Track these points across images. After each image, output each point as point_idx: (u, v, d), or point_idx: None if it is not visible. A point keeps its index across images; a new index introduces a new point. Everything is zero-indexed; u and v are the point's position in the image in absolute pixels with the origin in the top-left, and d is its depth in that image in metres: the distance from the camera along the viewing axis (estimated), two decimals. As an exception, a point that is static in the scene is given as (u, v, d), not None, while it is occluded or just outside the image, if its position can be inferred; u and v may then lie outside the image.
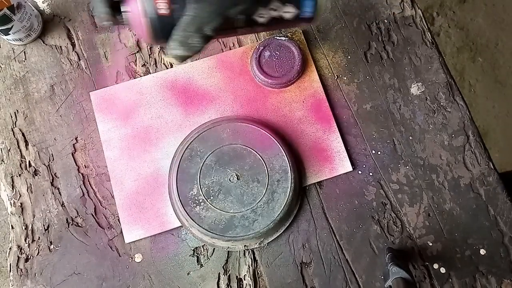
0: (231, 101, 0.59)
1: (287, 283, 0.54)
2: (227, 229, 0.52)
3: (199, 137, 0.55)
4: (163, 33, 0.39)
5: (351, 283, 0.54)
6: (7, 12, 0.55)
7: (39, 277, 0.54)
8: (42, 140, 0.59)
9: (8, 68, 0.61)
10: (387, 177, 0.57)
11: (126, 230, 0.55)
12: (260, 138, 0.55)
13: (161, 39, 0.40)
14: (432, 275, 0.54)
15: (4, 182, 0.57)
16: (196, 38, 0.38)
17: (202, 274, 0.54)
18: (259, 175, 0.54)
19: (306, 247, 0.55)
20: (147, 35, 0.40)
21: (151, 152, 0.57)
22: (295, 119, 0.58)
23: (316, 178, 0.56)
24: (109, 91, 0.59)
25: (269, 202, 0.53)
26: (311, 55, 0.60)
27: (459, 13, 1.48)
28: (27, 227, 0.56)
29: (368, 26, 0.62)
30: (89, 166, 0.58)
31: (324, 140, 0.57)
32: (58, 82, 0.61)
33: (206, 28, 0.38)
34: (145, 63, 0.61)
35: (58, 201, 0.57)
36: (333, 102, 0.59)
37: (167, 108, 0.59)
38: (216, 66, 0.60)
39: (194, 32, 0.38)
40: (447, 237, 0.55)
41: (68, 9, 0.63)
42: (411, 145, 0.58)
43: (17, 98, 0.60)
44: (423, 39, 0.61)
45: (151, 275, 0.54)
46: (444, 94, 0.60)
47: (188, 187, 0.53)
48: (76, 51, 0.62)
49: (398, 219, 0.56)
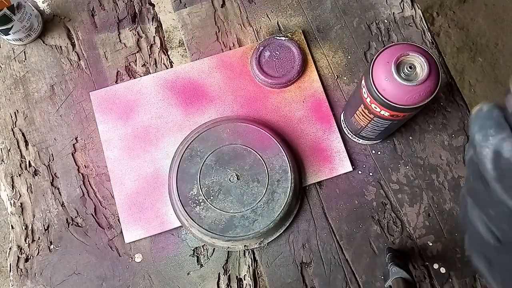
0: (231, 101, 0.59)
1: (287, 283, 0.54)
2: (227, 229, 0.52)
3: (199, 137, 0.55)
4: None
5: (351, 283, 0.54)
6: (7, 12, 0.55)
7: (39, 277, 0.54)
8: (42, 140, 0.59)
9: (8, 68, 0.61)
10: (387, 177, 0.57)
11: (126, 230, 0.55)
12: (260, 138, 0.55)
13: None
14: (432, 275, 0.54)
15: (4, 182, 0.57)
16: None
17: (202, 274, 0.54)
18: (259, 175, 0.54)
19: (306, 247, 0.55)
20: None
21: (151, 152, 0.57)
22: (295, 119, 0.58)
23: (316, 178, 0.56)
24: (109, 91, 0.59)
25: (269, 202, 0.53)
26: (311, 55, 0.60)
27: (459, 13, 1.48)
28: (27, 227, 0.56)
29: (368, 26, 0.62)
30: (89, 166, 0.58)
31: (324, 140, 0.57)
32: (58, 82, 0.61)
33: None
34: (145, 63, 0.61)
35: (58, 201, 0.57)
36: (333, 102, 0.59)
37: (167, 108, 0.59)
38: (216, 66, 0.60)
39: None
40: (447, 237, 0.55)
41: (68, 9, 0.63)
42: (411, 145, 0.58)
43: (17, 98, 0.60)
44: (423, 39, 0.61)
45: (151, 275, 0.54)
46: (444, 94, 0.59)
47: (188, 187, 0.53)
48: (76, 51, 0.62)
49: (398, 219, 0.56)
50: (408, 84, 0.40)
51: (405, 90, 0.41)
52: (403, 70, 0.41)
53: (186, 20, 0.63)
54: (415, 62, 0.41)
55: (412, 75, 0.41)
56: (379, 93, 0.42)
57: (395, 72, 0.40)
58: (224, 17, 0.63)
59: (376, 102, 0.43)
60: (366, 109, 0.46)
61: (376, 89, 0.42)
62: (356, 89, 0.49)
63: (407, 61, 0.41)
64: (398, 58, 0.41)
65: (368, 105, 0.45)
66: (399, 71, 0.41)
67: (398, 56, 0.41)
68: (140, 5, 0.63)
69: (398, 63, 0.41)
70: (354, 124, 0.52)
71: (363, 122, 0.50)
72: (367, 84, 0.43)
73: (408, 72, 0.41)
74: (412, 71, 0.41)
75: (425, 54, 0.41)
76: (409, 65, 0.41)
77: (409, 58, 0.41)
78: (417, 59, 0.41)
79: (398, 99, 0.41)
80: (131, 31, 0.62)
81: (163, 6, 0.63)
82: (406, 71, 0.41)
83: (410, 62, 0.41)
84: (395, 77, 0.41)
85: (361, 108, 0.47)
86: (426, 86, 0.41)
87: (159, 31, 0.62)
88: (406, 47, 0.42)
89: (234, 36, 0.62)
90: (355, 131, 0.54)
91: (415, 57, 0.41)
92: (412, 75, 0.41)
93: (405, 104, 0.41)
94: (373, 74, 0.42)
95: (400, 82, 0.40)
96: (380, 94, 0.42)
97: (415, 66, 0.41)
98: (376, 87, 0.42)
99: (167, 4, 0.63)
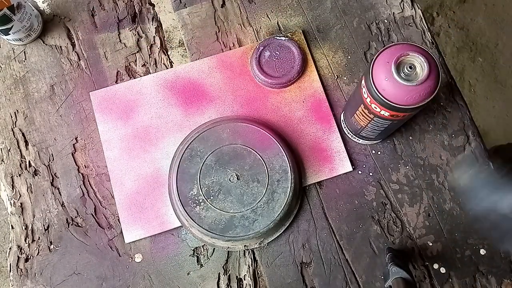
0: (231, 101, 0.59)
1: (287, 283, 0.54)
2: (227, 229, 0.52)
3: (199, 137, 0.55)
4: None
5: (351, 283, 0.54)
6: (7, 12, 0.55)
7: (39, 277, 0.54)
8: (42, 140, 0.59)
9: (8, 68, 0.61)
10: (387, 177, 0.57)
11: (126, 230, 0.55)
12: (260, 138, 0.55)
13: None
14: (432, 275, 0.54)
15: (4, 182, 0.57)
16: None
17: (202, 274, 0.54)
18: (259, 175, 0.54)
19: (306, 247, 0.55)
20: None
21: (151, 152, 0.57)
22: (295, 119, 0.58)
23: (316, 178, 0.56)
24: (109, 91, 0.59)
25: (269, 202, 0.53)
26: (311, 55, 0.60)
27: (459, 13, 1.48)
28: (27, 227, 0.56)
29: (368, 26, 0.62)
30: (89, 166, 0.58)
31: (324, 140, 0.57)
32: (58, 82, 0.61)
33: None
34: (145, 63, 0.61)
35: (58, 201, 0.57)
36: (333, 102, 0.59)
37: (167, 108, 0.59)
38: (216, 66, 0.60)
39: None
40: (447, 237, 0.55)
41: (68, 9, 0.63)
42: (411, 145, 0.58)
43: (17, 98, 0.60)
44: (423, 39, 0.61)
45: (151, 275, 0.54)
46: (444, 94, 0.60)
47: (188, 187, 0.53)
48: (76, 51, 0.62)
49: (398, 219, 0.56)
50: (408, 84, 0.40)
51: (405, 90, 0.41)
52: (403, 70, 0.41)
53: (186, 20, 0.63)
54: (415, 62, 0.41)
55: (412, 75, 0.41)
56: (379, 93, 0.42)
57: (395, 72, 0.40)
58: (224, 17, 0.63)
59: (376, 102, 0.43)
60: (366, 109, 0.46)
61: (376, 89, 0.42)
62: (356, 89, 0.49)
63: (407, 61, 0.41)
64: (398, 58, 0.41)
65: (368, 105, 0.45)
66: (399, 71, 0.41)
67: (398, 56, 0.41)
68: (140, 5, 0.63)
69: (398, 63, 0.41)
70: (354, 124, 0.52)
71: (363, 122, 0.50)
72: (367, 84, 0.43)
73: (408, 72, 0.41)
74: (412, 71, 0.41)
75: (425, 54, 0.41)
76: (409, 65, 0.41)
77: (409, 58, 0.41)
78: (417, 59, 0.41)
79: (398, 99, 0.41)
80: (131, 31, 0.62)
81: (163, 6, 0.63)
82: (406, 71, 0.41)
83: (410, 62, 0.41)
84: (395, 77, 0.41)
85: (361, 108, 0.47)
86: (426, 86, 0.41)
87: (159, 31, 0.62)
88: (406, 47, 0.42)
89: (234, 36, 0.62)
90: (355, 131, 0.54)
91: (415, 57, 0.41)
92: (412, 75, 0.41)
93: (405, 104, 0.41)
94: (373, 74, 0.42)
95: (400, 82, 0.40)
96: (380, 94, 0.42)
97: (415, 66, 0.41)
98: (376, 87, 0.42)
99: (167, 4, 0.63)
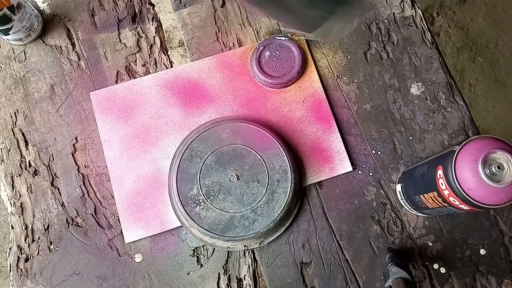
0: (231, 101, 0.59)
1: (287, 283, 0.54)
2: (227, 229, 0.52)
3: (199, 137, 0.55)
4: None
5: (351, 283, 0.54)
6: (7, 12, 0.55)
7: (39, 277, 0.54)
8: (42, 140, 0.59)
9: (8, 68, 0.61)
10: (387, 177, 0.57)
11: (126, 230, 0.55)
12: (260, 138, 0.55)
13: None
14: (432, 275, 0.54)
15: (4, 182, 0.57)
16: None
17: (202, 274, 0.54)
18: (259, 175, 0.54)
19: (306, 247, 0.55)
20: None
21: (151, 152, 0.57)
22: (295, 119, 0.58)
23: (316, 178, 0.56)
24: (109, 91, 0.59)
25: (269, 202, 0.53)
26: (311, 55, 0.60)
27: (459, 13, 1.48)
28: (27, 227, 0.56)
29: (368, 26, 0.62)
30: (89, 166, 0.58)
31: (324, 140, 0.57)
32: (58, 82, 0.61)
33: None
34: (145, 63, 0.61)
35: (58, 201, 0.57)
36: (333, 102, 0.59)
37: (167, 108, 0.59)
38: (216, 66, 0.60)
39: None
40: (447, 237, 0.55)
41: (68, 9, 0.63)
42: (411, 145, 0.58)
43: (17, 98, 0.60)
44: (423, 39, 0.61)
45: (151, 275, 0.54)
46: (444, 94, 0.60)
47: (188, 187, 0.53)
48: (76, 51, 0.62)
49: (398, 219, 0.56)
50: (497, 186, 0.39)
51: (493, 191, 0.39)
52: (489, 168, 0.39)
53: (186, 20, 0.63)
54: (502, 161, 0.39)
55: (500, 175, 0.39)
56: (463, 192, 0.40)
57: (482, 172, 0.39)
58: (224, 17, 0.63)
59: (458, 198, 0.41)
60: (440, 197, 0.44)
61: (460, 187, 0.40)
62: (426, 172, 0.47)
63: (494, 159, 0.40)
64: (486, 157, 0.39)
65: (445, 196, 0.43)
66: (485, 170, 0.39)
67: (485, 155, 0.39)
68: (140, 5, 0.63)
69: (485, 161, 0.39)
70: (418, 203, 0.51)
71: (431, 205, 0.48)
72: (448, 179, 0.41)
73: (496, 172, 0.39)
74: (500, 171, 0.39)
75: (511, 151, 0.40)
76: (497, 164, 0.39)
77: (496, 156, 0.40)
78: (504, 157, 0.39)
79: (485, 199, 0.40)
80: (131, 31, 0.62)
81: (163, 6, 0.63)
82: (494, 170, 0.39)
83: (498, 160, 0.40)
84: (482, 178, 0.39)
85: (433, 194, 0.45)
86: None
87: (159, 31, 0.62)
88: (491, 143, 0.40)
89: (234, 36, 0.62)
90: (417, 207, 0.52)
91: (502, 155, 0.39)
92: (500, 175, 0.39)
93: (491, 204, 0.40)
94: (456, 171, 0.40)
95: (488, 183, 0.39)
96: (464, 192, 0.40)
97: (503, 165, 0.39)
98: (460, 185, 0.40)
99: (167, 4, 0.63)
